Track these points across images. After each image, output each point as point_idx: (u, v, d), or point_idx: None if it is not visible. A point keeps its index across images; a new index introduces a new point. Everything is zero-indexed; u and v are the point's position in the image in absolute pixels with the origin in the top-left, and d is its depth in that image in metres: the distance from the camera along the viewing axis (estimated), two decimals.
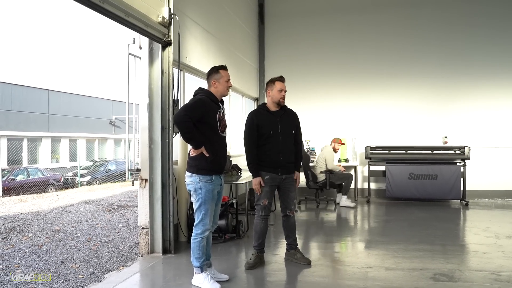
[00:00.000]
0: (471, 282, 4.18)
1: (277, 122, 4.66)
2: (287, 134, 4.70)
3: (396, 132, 9.97)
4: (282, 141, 4.64)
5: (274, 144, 4.60)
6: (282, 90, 4.69)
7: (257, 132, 4.59)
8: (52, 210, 9.73)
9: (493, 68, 9.67)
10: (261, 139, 4.60)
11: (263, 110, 4.75)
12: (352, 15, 10.30)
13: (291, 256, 4.90)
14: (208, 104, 3.98)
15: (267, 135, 4.59)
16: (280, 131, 4.64)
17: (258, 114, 4.72)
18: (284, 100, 4.73)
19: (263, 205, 4.67)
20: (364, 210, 8.64)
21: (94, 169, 21.75)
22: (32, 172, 17.59)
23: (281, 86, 4.69)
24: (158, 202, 5.25)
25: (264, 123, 4.62)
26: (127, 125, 5.61)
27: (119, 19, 4.35)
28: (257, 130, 4.59)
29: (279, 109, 4.75)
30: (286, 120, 4.73)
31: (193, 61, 6.43)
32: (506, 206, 8.75)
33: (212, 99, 4.05)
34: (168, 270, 4.79)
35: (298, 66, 10.48)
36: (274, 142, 4.60)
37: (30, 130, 21.41)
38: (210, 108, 3.98)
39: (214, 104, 4.05)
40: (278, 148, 4.62)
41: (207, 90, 4.12)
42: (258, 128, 4.60)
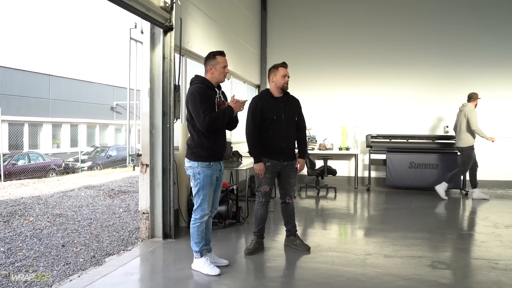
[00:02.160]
0: (469, 270, 4.21)
1: (281, 108, 4.64)
2: (290, 120, 4.70)
3: (397, 121, 9.95)
4: (286, 127, 4.64)
5: (277, 130, 4.60)
6: (285, 75, 4.67)
7: (260, 117, 4.58)
8: (53, 194, 9.76)
9: (496, 58, 9.61)
10: (264, 125, 4.58)
11: (267, 95, 4.73)
12: (355, 4, 10.21)
13: (291, 242, 4.92)
14: (204, 92, 3.95)
15: (270, 120, 4.57)
16: (284, 117, 4.63)
17: (262, 99, 4.71)
18: (287, 86, 4.72)
19: (264, 191, 4.68)
20: (364, 198, 8.67)
21: (95, 155, 21.78)
22: (33, 157, 17.62)
23: (285, 72, 4.68)
24: (159, 187, 5.27)
25: (268, 108, 4.60)
26: (128, 110, 5.62)
27: (120, 2, 4.32)
28: (261, 115, 4.58)
29: (282, 95, 4.74)
30: (289, 106, 4.73)
31: (194, 47, 6.40)
32: (505, 196, 8.77)
33: (208, 86, 4.03)
34: (168, 255, 4.82)
35: (300, 54, 10.43)
36: (277, 127, 4.59)
37: (31, 115, 21.40)
38: (208, 96, 3.97)
39: (210, 91, 4.03)
40: (281, 134, 4.61)
41: (202, 77, 4.08)
42: (262, 113, 4.58)
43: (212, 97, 4.00)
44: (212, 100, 3.99)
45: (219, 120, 3.90)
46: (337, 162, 9.79)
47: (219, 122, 3.91)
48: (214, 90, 4.07)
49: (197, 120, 3.90)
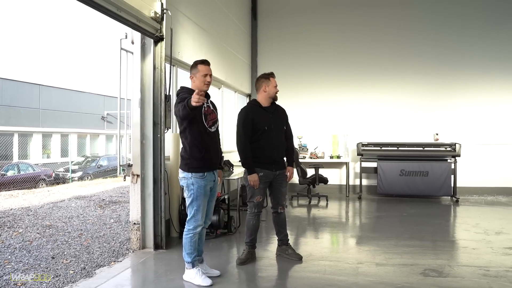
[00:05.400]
0: (460, 278, 4.23)
1: (270, 118, 4.67)
2: (279, 130, 4.74)
3: (388, 129, 10.02)
4: (276, 137, 4.66)
5: (268, 139, 4.61)
6: (277, 85, 4.75)
7: (251, 128, 4.59)
8: (43, 205, 9.66)
9: (484, 65, 9.74)
10: (255, 135, 4.60)
11: (256, 106, 4.75)
12: (344, 12, 10.32)
13: (283, 252, 4.92)
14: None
15: (262, 131, 4.59)
16: (273, 126, 4.66)
17: (252, 109, 4.72)
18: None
19: (256, 202, 4.67)
20: (355, 206, 8.69)
21: (86, 165, 21.60)
22: (23, 168, 17.44)
23: (275, 82, 4.75)
24: (150, 197, 5.24)
25: (258, 119, 4.61)
26: (118, 120, 5.59)
27: (111, 13, 4.33)
28: (252, 125, 4.59)
29: (270, 105, 4.77)
30: (277, 116, 4.77)
31: (185, 57, 6.41)
32: (495, 203, 8.83)
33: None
34: (160, 266, 4.79)
35: (290, 62, 10.49)
36: (268, 137, 4.61)
37: (21, 125, 21.23)
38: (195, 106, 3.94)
39: None
40: (272, 144, 4.63)
41: (187, 88, 4.08)
42: (253, 124, 4.59)
43: (199, 107, 3.97)
44: (199, 110, 3.96)
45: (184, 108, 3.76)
46: (329, 171, 9.82)
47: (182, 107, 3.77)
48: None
49: (175, 111, 3.92)
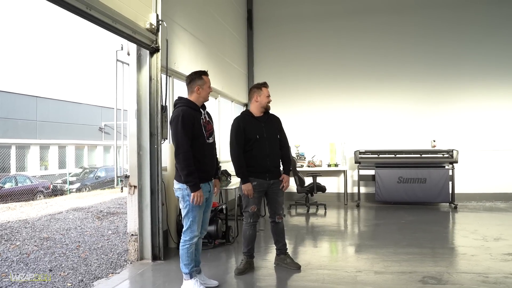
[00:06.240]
0: (459, 285, 4.22)
1: (262, 127, 4.68)
2: (272, 139, 4.73)
3: (385, 136, 10.03)
4: (269, 145, 4.66)
5: (260, 149, 4.62)
6: (269, 95, 4.76)
7: (244, 137, 4.60)
8: (40, 217, 9.63)
9: (480, 71, 9.78)
10: (248, 145, 4.61)
11: (248, 115, 4.77)
12: (340, 21, 10.38)
13: (281, 261, 4.90)
14: (189, 116, 3.94)
15: (253, 140, 4.60)
16: (266, 135, 4.66)
17: (244, 119, 4.74)
18: (270, 106, 4.81)
19: (251, 211, 4.67)
20: (354, 214, 8.68)
21: (84, 176, 21.55)
22: (21, 180, 17.38)
23: (268, 92, 4.77)
24: (147, 208, 5.23)
25: (250, 128, 4.63)
26: (115, 131, 5.60)
27: (106, 25, 4.35)
28: (244, 135, 4.60)
29: (263, 114, 4.78)
30: (270, 125, 4.77)
31: (181, 67, 6.43)
32: (494, 209, 8.83)
33: (193, 108, 4.03)
34: (158, 277, 4.77)
35: (287, 71, 10.53)
36: (260, 147, 4.61)
37: (18, 137, 21.20)
38: (194, 119, 3.96)
39: (196, 113, 4.03)
40: (265, 153, 4.63)
41: (186, 99, 4.09)
42: (245, 133, 4.60)
43: (198, 119, 4.00)
44: (198, 122, 3.99)
45: (185, 167, 3.83)
46: (326, 179, 9.81)
47: (183, 166, 3.84)
48: (199, 111, 4.08)
49: (174, 146, 3.91)
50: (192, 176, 3.85)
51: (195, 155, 3.92)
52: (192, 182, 3.86)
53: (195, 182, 3.86)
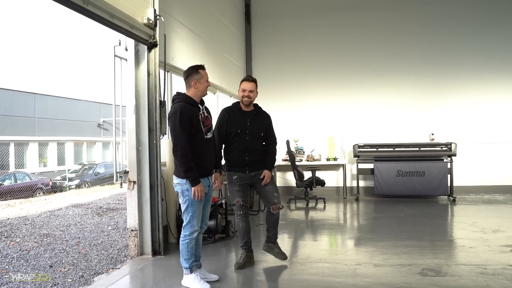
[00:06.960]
0: (458, 276, 4.24)
1: (247, 122, 4.63)
2: (255, 135, 4.66)
3: (384, 130, 10.04)
4: (249, 141, 4.61)
5: (240, 143, 4.59)
6: (245, 90, 4.60)
7: (225, 129, 4.59)
8: (40, 214, 9.64)
9: (478, 64, 9.79)
10: (228, 138, 4.61)
11: (235, 108, 4.73)
12: (338, 15, 10.35)
13: (270, 249, 4.89)
14: (188, 112, 3.92)
15: (234, 134, 4.58)
16: (248, 131, 4.61)
17: (230, 111, 4.71)
18: (248, 100, 4.63)
19: (238, 204, 4.65)
20: (353, 207, 8.70)
21: (83, 173, 21.56)
22: (20, 177, 17.40)
23: (245, 86, 4.62)
24: (147, 203, 5.24)
25: (233, 121, 4.60)
26: (114, 127, 5.60)
27: (103, 21, 4.34)
28: (226, 127, 4.59)
29: (251, 109, 4.73)
30: (256, 121, 4.69)
31: (179, 62, 6.42)
32: (492, 201, 8.87)
33: (192, 103, 4.01)
34: (158, 272, 4.78)
35: (285, 66, 10.52)
36: (240, 141, 4.59)
37: (17, 134, 21.18)
38: (192, 115, 3.94)
39: (194, 109, 4.01)
40: (244, 147, 4.59)
41: (184, 95, 4.06)
42: (227, 125, 4.59)
43: (196, 115, 3.99)
44: (196, 117, 3.97)
45: (183, 163, 3.83)
46: (325, 173, 9.83)
47: (182, 163, 3.84)
48: (198, 107, 4.06)
49: (172, 142, 3.91)
50: (191, 172, 3.85)
51: (194, 151, 3.91)
52: (191, 177, 3.86)
53: (195, 177, 3.87)
